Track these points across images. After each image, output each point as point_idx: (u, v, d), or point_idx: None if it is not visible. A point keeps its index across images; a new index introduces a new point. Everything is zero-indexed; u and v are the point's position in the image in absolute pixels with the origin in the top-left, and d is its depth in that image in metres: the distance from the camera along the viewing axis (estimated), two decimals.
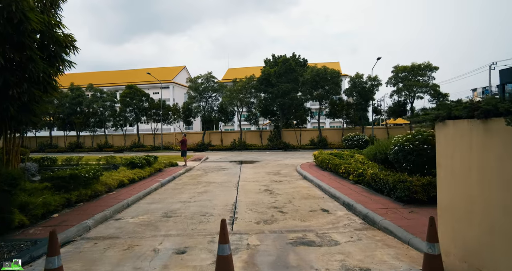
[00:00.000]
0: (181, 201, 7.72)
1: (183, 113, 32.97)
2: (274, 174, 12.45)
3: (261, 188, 9.33)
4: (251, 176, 11.88)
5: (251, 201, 7.48)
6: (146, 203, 7.55)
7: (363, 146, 16.85)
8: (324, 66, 27.92)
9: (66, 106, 32.57)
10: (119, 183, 8.99)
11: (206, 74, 31.43)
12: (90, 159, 16.51)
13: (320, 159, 12.50)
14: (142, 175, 10.67)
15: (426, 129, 6.57)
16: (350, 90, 28.21)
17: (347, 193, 7.47)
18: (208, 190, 9.21)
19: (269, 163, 16.90)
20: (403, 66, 27.14)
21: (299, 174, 12.18)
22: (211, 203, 7.36)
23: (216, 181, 10.82)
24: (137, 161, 11.33)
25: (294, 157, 20.79)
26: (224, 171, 13.65)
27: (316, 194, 8.25)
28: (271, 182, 10.44)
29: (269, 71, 28.81)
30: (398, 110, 27.58)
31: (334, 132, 31.72)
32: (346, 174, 9.52)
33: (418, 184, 6.04)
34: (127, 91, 31.28)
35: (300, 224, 5.59)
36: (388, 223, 5.04)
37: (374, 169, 7.94)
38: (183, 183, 10.67)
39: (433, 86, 26.55)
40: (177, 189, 9.44)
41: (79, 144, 33.79)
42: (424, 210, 5.73)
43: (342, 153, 13.12)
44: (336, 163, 10.51)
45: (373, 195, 7.15)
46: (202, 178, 11.81)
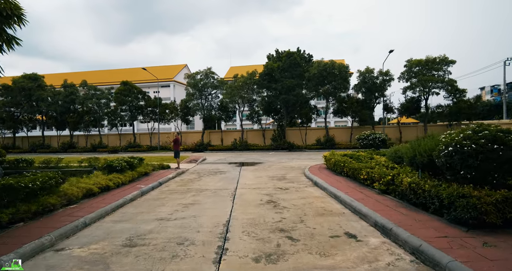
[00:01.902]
0: (158, 217, 5.91)
1: (181, 111, 31.20)
2: (279, 178, 10.61)
3: (263, 198, 7.50)
4: (251, 181, 10.06)
5: (249, 219, 5.65)
6: (112, 221, 5.75)
7: (380, 145, 14.98)
8: (332, 60, 26.02)
9: (59, 104, 30.96)
10: (86, 193, 7.20)
11: (205, 70, 29.65)
12: (72, 160, 14.77)
13: (332, 161, 10.64)
14: (120, 181, 8.88)
15: (492, 123, 4.68)
16: (359, 86, 26.28)
17: (377, 208, 5.62)
18: (198, 200, 7.40)
19: (273, 165, 15.06)
20: (417, 60, 25.18)
21: (308, 179, 10.34)
22: (196, 222, 5.54)
23: (209, 188, 9.01)
24: (116, 163, 9.53)
25: (300, 158, 18.94)
26: (221, 175, 11.84)
27: (334, 208, 6.40)
28: (275, 189, 8.60)
29: (272, 66, 26.97)
30: (411, 107, 25.61)
31: (342, 132, 29.80)
32: (369, 181, 7.66)
33: (489, 201, 4.18)
34: (122, 88, 29.57)
35: (319, 262, 3.75)
36: (462, 268, 3.18)
37: (409, 175, 6.08)
38: (169, 191, 8.86)
39: (450, 82, 24.56)
40: (159, 199, 7.63)
41: (72, 144, 32.14)
42: (503, 240, 3.88)
43: (358, 154, 11.25)
44: (354, 167, 8.64)
45: (414, 212, 5.29)
46: (193, 184, 10.00)
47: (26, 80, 31.03)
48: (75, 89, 31.47)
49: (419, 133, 27.07)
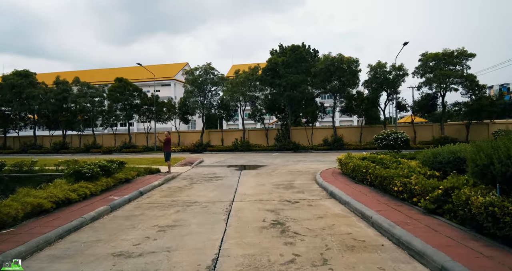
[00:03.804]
0: (117, 252, 4.13)
1: (180, 109, 29.44)
2: (285, 187, 8.79)
3: (267, 216, 5.70)
4: (252, 191, 8.25)
5: (246, 257, 3.85)
6: (48, 259, 3.96)
7: (402, 146, 13.11)
8: (340, 54, 24.14)
9: (50, 102, 29.33)
10: (32, 210, 5.44)
11: (204, 65, 27.87)
12: (49, 163, 13.05)
13: (351, 166, 8.80)
14: (88, 192, 7.10)
15: None
16: (370, 82, 24.33)
17: (435, 242, 3.79)
18: (180, 220, 5.61)
19: (277, 169, 13.24)
20: (433, 53, 23.24)
21: (321, 187, 8.51)
22: (168, 262, 3.75)
23: (199, 200, 7.22)
24: (85, 169, 7.76)
25: (307, 160, 17.10)
26: (217, 182, 10.04)
27: (366, 236, 4.59)
28: (281, 202, 6.80)
29: (276, 60, 25.11)
30: (427, 105, 23.63)
31: (351, 131, 27.88)
32: (406, 195, 5.84)
33: None
34: (116, 85, 27.85)
35: None
36: None
37: (475, 191, 4.23)
38: (149, 204, 7.08)
39: (469, 77, 22.57)
40: (132, 218, 5.85)
41: (65, 144, 30.49)
42: None
43: (380, 157, 9.40)
44: (382, 174, 6.80)
45: (496, 250, 3.46)
46: (182, 193, 8.21)
47: (16, 77, 29.45)
48: (68, 87, 29.80)
49: (435, 133, 25.12)
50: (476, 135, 24.24)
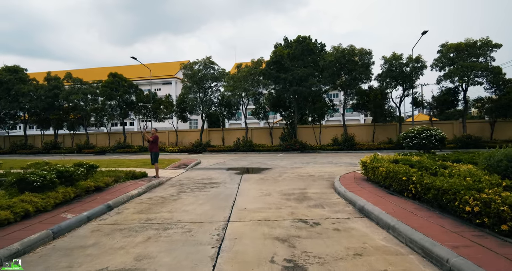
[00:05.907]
0: None
1: (178, 107, 27.56)
2: (298, 198, 6.83)
3: (277, 252, 3.77)
4: (254, 204, 6.30)
5: None
6: None
7: (437, 146, 11.07)
8: (352, 45, 22.07)
9: (41, 99, 27.58)
10: None
11: (204, 59, 25.95)
12: (17, 165, 11.19)
13: (381, 171, 6.80)
14: (32, 208, 5.20)
15: None
16: (384, 75, 22.23)
17: None
18: (145, 258, 3.69)
19: (285, 173, 11.28)
20: (455, 43, 21.11)
21: (344, 199, 6.54)
22: None
23: (183, 220, 5.30)
24: (33, 177, 5.85)
25: (317, 162, 15.12)
26: (211, 190, 8.09)
27: None
28: (295, 225, 4.85)
29: (281, 52, 23.11)
30: (448, 100, 21.49)
31: (363, 130, 25.80)
32: (489, 220, 3.85)
33: None
34: (110, 80, 26.04)
35: None
36: None
37: None
38: (112, 226, 5.15)
39: (495, 69, 20.42)
40: (74, 253, 3.94)
41: (56, 144, 28.75)
42: None
43: (416, 159, 7.41)
44: (440, 186, 4.80)
45: None
46: (163, 208, 6.28)
47: (5, 73, 27.75)
48: (59, 83, 28.03)
49: (456, 131, 22.96)
50: (502, 134, 22.11)
